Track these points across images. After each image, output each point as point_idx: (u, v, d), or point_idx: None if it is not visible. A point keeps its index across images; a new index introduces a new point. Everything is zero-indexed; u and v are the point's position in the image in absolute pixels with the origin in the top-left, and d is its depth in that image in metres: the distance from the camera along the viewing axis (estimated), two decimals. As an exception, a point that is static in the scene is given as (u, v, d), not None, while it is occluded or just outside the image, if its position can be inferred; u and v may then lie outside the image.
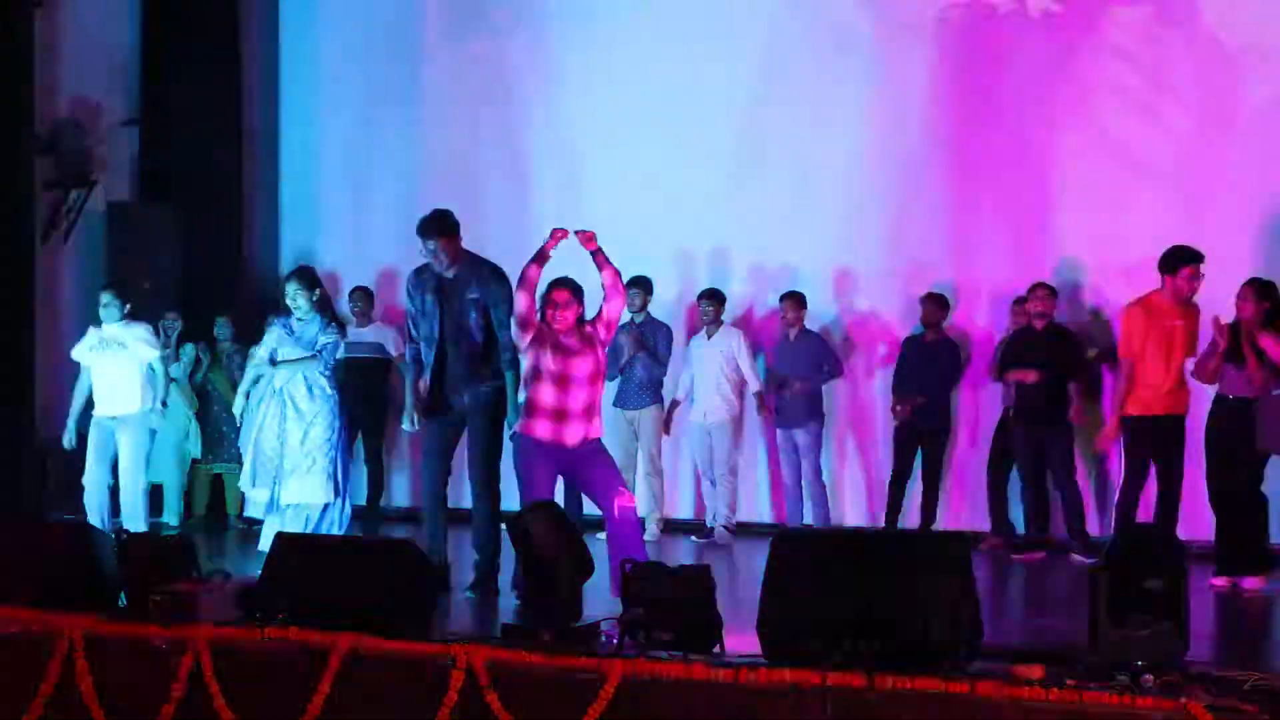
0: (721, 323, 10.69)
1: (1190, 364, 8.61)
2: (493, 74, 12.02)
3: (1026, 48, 10.44)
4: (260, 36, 13.17)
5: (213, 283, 12.50)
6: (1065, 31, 10.35)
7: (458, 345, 8.11)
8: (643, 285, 10.61)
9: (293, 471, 9.08)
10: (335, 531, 8.95)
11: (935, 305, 10.33)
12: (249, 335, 11.34)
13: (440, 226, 8.05)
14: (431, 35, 12.40)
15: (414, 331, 8.25)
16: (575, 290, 7.65)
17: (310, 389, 9.18)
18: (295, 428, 9.11)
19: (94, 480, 9.51)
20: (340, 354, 9.51)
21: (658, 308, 10.79)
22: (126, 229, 12.02)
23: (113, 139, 12.53)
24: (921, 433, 10.31)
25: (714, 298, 10.66)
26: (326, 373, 9.23)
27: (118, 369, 9.52)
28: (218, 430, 11.71)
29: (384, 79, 12.50)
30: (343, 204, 12.67)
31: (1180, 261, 8.53)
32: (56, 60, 12.03)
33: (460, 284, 8.09)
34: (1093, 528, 9.69)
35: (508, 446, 8.11)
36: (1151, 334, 8.56)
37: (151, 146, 12.63)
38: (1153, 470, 8.65)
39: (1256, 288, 8.30)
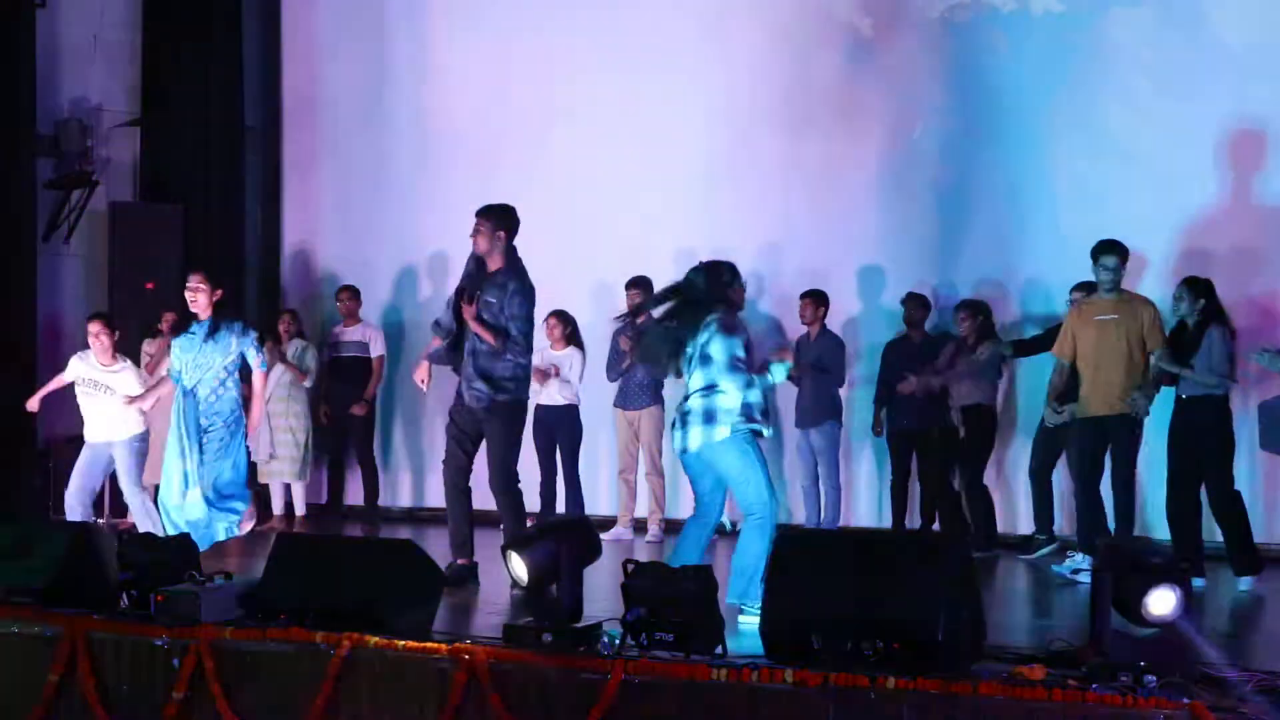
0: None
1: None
2: (493, 71, 12.01)
3: (1028, 48, 10.43)
4: (261, 35, 13.18)
5: (213, 282, 12.49)
6: (1067, 31, 10.34)
7: (472, 343, 8.22)
8: (642, 285, 10.58)
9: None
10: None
11: (917, 305, 10.31)
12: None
13: (499, 212, 8.26)
14: (432, 33, 12.40)
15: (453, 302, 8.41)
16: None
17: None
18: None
19: (76, 492, 9.45)
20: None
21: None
22: (128, 229, 12.02)
23: (114, 139, 12.53)
24: (913, 435, 10.30)
25: None
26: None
27: (107, 406, 9.45)
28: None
29: (384, 78, 12.50)
30: (343, 204, 12.67)
31: None
32: (58, 60, 12.03)
33: (486, 283, 8.22)
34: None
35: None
36: None
37: (152, 146, 12.62)
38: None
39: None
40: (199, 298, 8.80)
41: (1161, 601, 5.39)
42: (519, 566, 7.77)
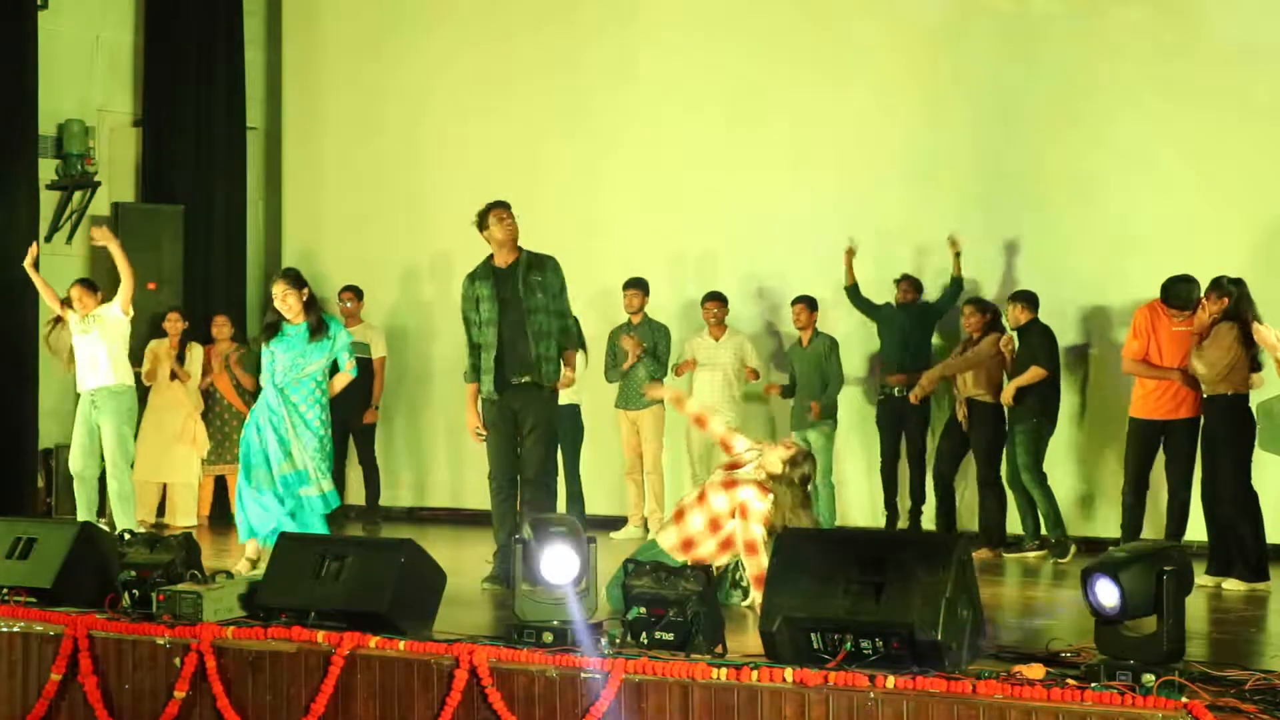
0: (726, 326, 10.68)
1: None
2: (493, 74, 12.03)
3: (1028, 49, 10.43)
4: (262, 35, 13.20)
5: (215, 283, 12.54)
6: (1066, 32, 10.34)
7: (519, 329, 8.12)
8: (640, 287, 10.65)
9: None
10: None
11: (910, 286, 10.44)
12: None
13: (504, 206, 8.20)
14: (432, 35, 12.42)
15: (471, 337, 8.22)
16: None
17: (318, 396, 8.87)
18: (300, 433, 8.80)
19: (79, 452, 9.41)
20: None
21: (653, 308, 10.80)
22: (130, 230, 12.03)
23: (116, 140, 12.55)
24: (903, 414, 10.36)
25: (719, 300, 10.66)
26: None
27: (92, 348, 9.46)
28: (220, 431, 11.72)
29: (384, 78, 12.53)
30: (344, 205, 12.69)
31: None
32: (60, 61, 12.05)
33: (519, 270, 8.16)
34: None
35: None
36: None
37: (154, 147, 12.65)
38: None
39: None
40: (290, 302, 8.51)
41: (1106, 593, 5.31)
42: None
